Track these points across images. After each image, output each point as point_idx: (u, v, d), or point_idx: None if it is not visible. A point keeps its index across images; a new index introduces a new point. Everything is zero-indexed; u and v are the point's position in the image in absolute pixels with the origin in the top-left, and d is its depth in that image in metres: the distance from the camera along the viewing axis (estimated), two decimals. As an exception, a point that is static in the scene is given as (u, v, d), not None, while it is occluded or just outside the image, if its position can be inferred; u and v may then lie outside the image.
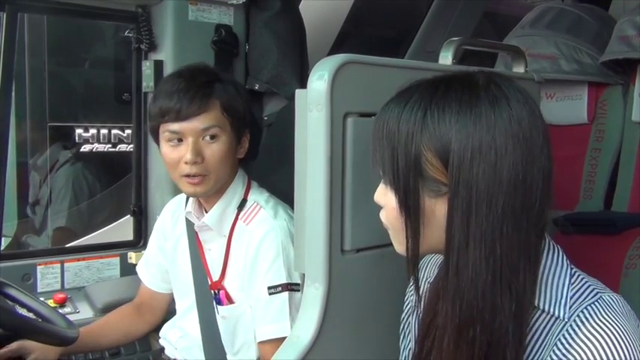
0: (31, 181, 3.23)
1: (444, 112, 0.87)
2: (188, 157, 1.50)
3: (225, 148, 1.55)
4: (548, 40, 1.77)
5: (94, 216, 3.20)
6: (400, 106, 0.91)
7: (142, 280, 1.84)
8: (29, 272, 2.00)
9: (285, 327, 1.50)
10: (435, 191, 0.89)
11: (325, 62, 1.11)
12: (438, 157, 0.87)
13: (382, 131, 0.91)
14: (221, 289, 1.62)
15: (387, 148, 0.90)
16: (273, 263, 1.52)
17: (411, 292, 1.17)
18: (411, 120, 0.89)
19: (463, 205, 0.86)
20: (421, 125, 0.88)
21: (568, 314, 0.89)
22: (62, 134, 3.25)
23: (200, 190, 1.56)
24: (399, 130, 0.89)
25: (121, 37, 2.65)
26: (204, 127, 1.52)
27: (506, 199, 0.86)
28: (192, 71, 1.58)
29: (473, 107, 0.87)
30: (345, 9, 3.03)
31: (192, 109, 1.50)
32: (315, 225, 1.12)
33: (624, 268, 1.39)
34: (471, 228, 0.86)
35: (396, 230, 0.94)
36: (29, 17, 2.97)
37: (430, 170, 0.88)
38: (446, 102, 0.88)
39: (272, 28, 2.13)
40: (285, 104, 2.07)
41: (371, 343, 1.25)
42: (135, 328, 1.84)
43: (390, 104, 0.94)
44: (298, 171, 1.16)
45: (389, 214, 0.95)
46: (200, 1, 2.04)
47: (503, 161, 0.86)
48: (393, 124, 0.90)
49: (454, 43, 1.31)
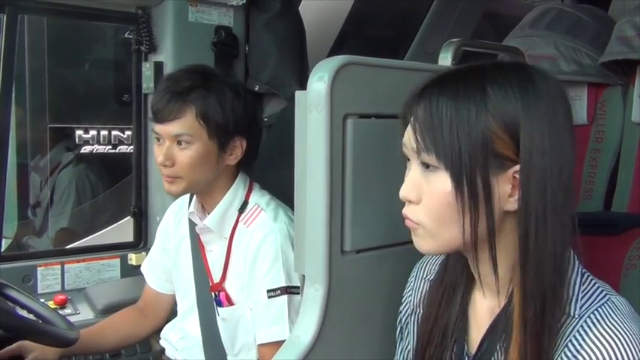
0: (31, 182, 3.23)
1: (505, 89, 0.90)
2: (159, 160, 1.54)
3: (197, 156, 1.54)
4: (548, 41, 1.77)
5: (94, 217, 3.20)
6: (450, 91, 0.91)
7: (147, 280, 1.84)
8: (29, 273, 2.00)
9: (283, 330, 1.50)
10: (498, 167, 0.89)
11: (325, 63, 1.11)
12: (507, 130, 0.89)
13: (432, 117, 0.91)
14: (221, 290, 1.62)
15: (443, 131, 0.90)
16: (272, 266, 1.52)
17: (409, 293, 1.17)
18: (470, 100, 0.89)
19: (538, 174, 0.88)
20: (484, 103, 0.89)
21: (579, 312, 0.91)
22: (62, 136, 3.26)
23: (174, 189, 1.58)
24: (458, 110, 0.89)
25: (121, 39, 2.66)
26: (175, 134, 1.53)
27: (568, 172, 0.90)
28: (181, 75, 1.59)
29: (532, 82, 0.91)
30: (344, 10, 3.03)
31: (166, 114, 1.52)
32: (315, 226, 1.12)
33: (624, 268, 1.39)
34: (547, 196, 0.88)
35: (443, 220, 0.92)
36: (29, 19, 2.97)
37: (498, 145, 0.89)
38: (505, 80, 0.91)
39: (272, 30, 2.13)
40: (285, 105, 2.07)
41: (371, 344, 1.25)
42: (138, 330, 1.83)
43: (428, 92, 0.93)
44: (298, 172, 1.16)
45: (435, 204, 0.92)
46: (200, 3, 2.04)
47: (565, 133, 0.91)
48: (448, 107, 0.90)
49: (453, 44, 1.32)
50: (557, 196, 0.89)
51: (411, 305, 1.15)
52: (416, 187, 0.94)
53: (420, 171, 0.94)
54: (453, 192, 0.90)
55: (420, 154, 0.92)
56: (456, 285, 1.04)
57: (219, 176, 1.60)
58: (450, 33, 2.79)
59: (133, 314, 1.84)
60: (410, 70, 1.26)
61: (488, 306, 1.01)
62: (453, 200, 0.90)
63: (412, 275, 1.18)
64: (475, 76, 0.92)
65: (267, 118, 2.16)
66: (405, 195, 0.95)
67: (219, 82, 1.59)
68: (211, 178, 1.60)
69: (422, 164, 0.93)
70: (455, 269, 1.05)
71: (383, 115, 1.19)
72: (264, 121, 2.16)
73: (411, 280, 1.18)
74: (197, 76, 1.58)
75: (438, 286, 1.06)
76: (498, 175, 0.90)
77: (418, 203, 0.94)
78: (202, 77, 1.58)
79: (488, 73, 0.92)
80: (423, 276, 1.15)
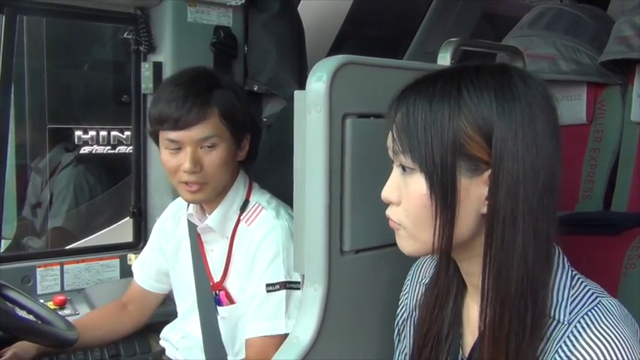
0: (30, 183, 3.23)
1: (481, 91, 0.89)
2: (186, 167, 1.50)
3: (224, 156, 1.54)
4: (547, 41, 1.77)
5: (93, 218, 3.19)
6: (427, 92, 0.91)
7: (135, 277, 1.82)
8: (29, 274, 2.00)
9: (279, 325, 1.50)
10: (472, 170, 0.89)
11: (324, 63, 1.11)
12: (480, 133, 0.88)
13: (408, 118, 0.91)
14: (222, 289, 1.62)
15: (418, 133, 0.90)
16: (273, 261, 1.52)
17: (405, 296, 1.17)
18: (445, 101, 0.89)
19: (509, 178, 0.87)
20: (458, 104, 0.88)
21: (568, 318, 0.90)
22: (62, 136, 3.25)
23: (199, 198, 1.56)
24: (432, 111, 0.89)
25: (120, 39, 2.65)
26: (202, 137, 1.50)
27: (546, 176, 0.88)
28: (191, 77, 1.56)
29: (509, 85, 0.89)
30: (344, 10, 3.03)
31: (190, 119, 1.49)
32: (314, 226, 1.12)
33: (623, 268, 1.39)
34: (519, 201, 0.87)
35: (420, 222, 0.92)
36: (28, 19, 2.97)
37: (471, 147, 0.88)
38: (481, 81, 0.90)
39: (271, 30, 2.13)
40: (284, 105, 2.07)
41: (370, 344, 1.25)
42: (119, 327, 1.80)
43: (407, 94, 0.93)
44: (297, 172, 1.16)
45: (411, 205, 0.92)
46: (199, 3, 2.04)
47: (544, 137, 0.89)
48: (423, 109, 0.90)
49: (453, 43, 1.32)
50: (532, 200, 0.87)
51: (407, 309, 1.16)
52: (397, 188, 0.94)
53: (399, 173, 0.94)
54: (427, 194, 0.89)
55: (397, 156, 0.93)
56: (449, 289, 1.04)
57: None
58: (449, 33, 2.80)
59: (116, 310, 1.81)
60: (409, 69, 1.25)
61: (478, 310, 1.00)
62: (429, 202, 0.90)
63: (408, 279, 1.18)
64: (452, 77, 0.92)
65: (266, 118, 2.16)
66: (385, 196, 0.96)
67: (226, 79, 1.61)
68: (229, 179, 1.60)
69: (400, 166, 0.93)
70: (447, 273, 1.04)
71: (382, 115, 1.18)
72: (263, 121, 2.16)
73: (407, 284, 1.18)
74: (208, 76, 1.58)
75: (432, 289, 1.06)
76: (473, 177, 0.89)
77: (399, 204, 0.94)
78: (212, 77, 1.59)
79: (466, 74, 0.91)
80: (418, 280, 1.15)
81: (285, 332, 1.48)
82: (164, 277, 1.80)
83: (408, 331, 1.14)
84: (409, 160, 0.91)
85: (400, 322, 1.18)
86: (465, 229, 0.91)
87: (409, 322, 1.15)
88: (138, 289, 1.83)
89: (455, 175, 0.88)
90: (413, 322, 1.13)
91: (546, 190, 0.89)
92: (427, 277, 1.12)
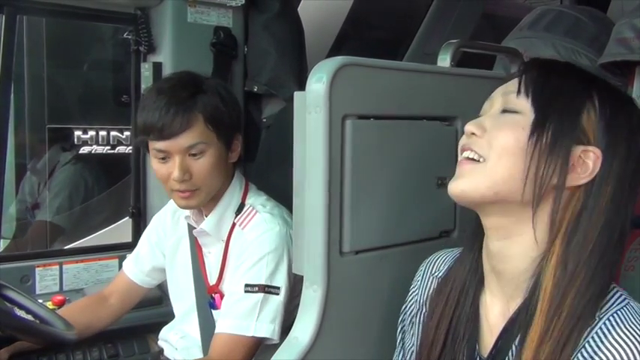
0: (29, 182, 3.22)
1: (612, 99, 0.93)
2: (175, 176, 1.50)
3: (214, 161, 1.53)
4: (547, 43, 1.77)
5: (92, 218, 3.19)
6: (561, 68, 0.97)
7: (126, 270, 1.80)
8: (28, 274, 2.00)
9: (249, 326, 1.49)
10: (581, 141, 0.91)
11: (324, 64, 1.11)
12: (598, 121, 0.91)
13: (540, 72, 0.95)
14: (217, 292, 1.62)
15: (551, 78, 0.94)
16: (257, 263, 1.52)
17: (415, 292, 1.16)
18: (579, 82, 0.94)
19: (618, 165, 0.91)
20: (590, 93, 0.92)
21: (598, 313, 0.89)
22: (61, 136, 3.25)
23: (192, 203, 1.57)
24: (567, 79, 0.94)
25: (119, 39, 2.66)
26: (189, 145, 1.49)
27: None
28: (174, 84, 1.54)
29: (627, 104, 0.96)
30: (344, 11, 3.03)
31: (174, 128, 1.47)
32: (313, 227, 1.12)
33: (622, 270, 1.38)
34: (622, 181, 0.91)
35: (509, 157, 0.91)
36: (28, 19, 2.97)
37: (585, 122, 0.91)
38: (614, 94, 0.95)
39: (271, 30, 2.13)
40: (284, 106, 2.08)
41: (369, 345, 1.25)
42: (96, 321, 1.76)
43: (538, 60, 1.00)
44: (297, 172, 1.16)
45: (507, 136, 0.92)
46: (199, 3, 2.04)
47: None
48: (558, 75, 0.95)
49: (452, 45, 1.31)
50: (625, 193, 0.91)
51: (417, 304, 1.14)
52: (482, 124, 0.95)
53: (495, 114, 0.96)
54: (530, 134, 0.90)
55: (507, 97, 0.95)
56: (467, 285, 1.03)
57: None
58: (449, 34, 2.80)
59: (95, 304, 1.78)
60: (408, 71, 1.26)
61: (499, 308, 1.00)
62: (527, 143, 0.90)
63: (419, 274, 1.17)
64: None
65: (265, 118, 2.16)
66: (470, 128, 0.96)
67: (209, 81, 1.58)
68: (222, 182, 1.59)
69: (502, 111, 0.95)
70: (466, 268, 1.03)
71: (382, 116, 1.19)
72: (263, 121, 2.16)
73: (417, 279, 1.16)
74: (190, 82, 1.55)
75: (447, 283, 1.05)
76: (578, 148, 0.91)
77: (482, 137, 0.94)
78: (195, 82, 1.56)
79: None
80: (431, 272, 1.13)
81: (252, 335, 1.48)
82: (156, 273, 1.80)
83: (417, 327, 1.13)
84: (525, 103, 0.93)
85: (407, 319, 1.16)
86: (555, 183, 0.91)
87: (418, 317, 1.13)
88: (126, 281, 1.80)
89: (576, 128, 0.91)
90: (423, 318, 1.12)
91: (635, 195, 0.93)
92: (441, 272, 1.11)
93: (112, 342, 1.90)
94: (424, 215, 1.29)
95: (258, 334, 1.49)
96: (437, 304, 1.05)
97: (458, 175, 0.96)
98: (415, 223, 1.28)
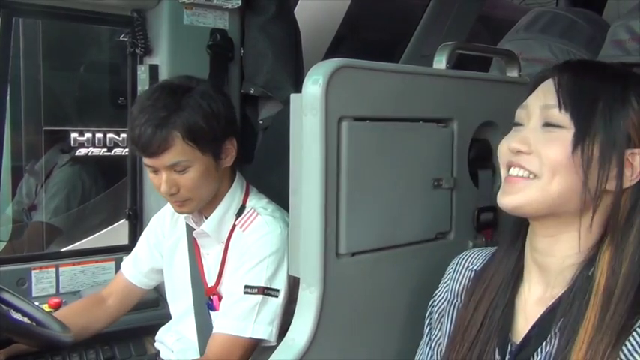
0: (26, 185, 3.22)
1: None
2: (163, 190, 1.52)
3: (199, 174, 1.52)
4: (542, 44, 1.78)
5: (89, 220, 3.18)
6: (595, 70, 0.98)
7: (124, 271, 1.80)
8: (24, 276, 2.00)
9: (247, 327, 1.49)
10: (627, 145, 0.93)
11: (320, 66, 1.11)
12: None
13: (576, 81, 0.95)
14: (215, 294, 1.62)
15: (586, 86, 0.95)
16: (257, 265, 1.52)
17: (447, 283, 1.17)
18: (616, 83, 0.95)
19: None
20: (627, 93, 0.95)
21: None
22: (57, 138, 3.24)
23: (186, 210, 1.58)
24: (603, 82, 0.95)
25: (116, 42, 2.65)
26: (170, 164, 1.49)
27: None
28: (154, 101, 1.51)
29: None
30: (340, 13, 3.03)
31: (153, 149, 1.47)
32: (310, 228, 1.12)
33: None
34: None
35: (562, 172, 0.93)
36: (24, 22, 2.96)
37: (629, 126, 0.93)
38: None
39: (267, 32, 2.13)
40: (281, 108, 2.08)
41: (366, 346, 1.25)
42: (93, 323, 1.75)
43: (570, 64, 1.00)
44: (293, 174, 1.16)
45: (558, 153, 0.93)
46: (195, 6, 2.04)
47: None
48: (592, 79, 0.96)
49: (448, 47, 1.32)
50: None
51: (449, 295, 1.16)
52: (527, 141, 0.96)
53: (537, 129, 0.97)
54: (580, 149, 0.92)
55: (548, 111, 0.96)
56: (508, 275, 1.05)
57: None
58: (446, 36, 2.81)
59: (92, 306, 1.78)
60: (405, 73, 1.26)
61: (538, 296, 1.02)
62: (578, 157, 0.92)
63: (451, 267, 1.18)
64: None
65: (262, 120, 2.16)
66: (515, 146, 0.97)
67: (191, 94, 1.52)
68: (217, 187, 1.60)
69: (544, 125, 0.96)
70: (509, 259, 1.06)
71: (378, 118, 1.19)
72: (259, 123, 2.16)
73: (449, 272, 1.18)
74: (168, 98, 1.51)
75: (487, 273, 1.07)
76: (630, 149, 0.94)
77: (530, 153, 0.96)
78: (173, 98, 1.51)
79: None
80: (467, 265, 1.15)
81: (250, 336, 1.49)
82: (155, 274, 1.80)
83: (447, 318, 1.14)
84: (563, 116, 0.94)
85: (436, 311, 1.18)
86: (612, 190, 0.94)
87: (450, 309, 1.14)
88: (125, 282, 1.80)
89: (621, 134, 0.93)
90: (455, 308, 1.13)
91: None
92: (478, 265, 1.13)
93: (109, 344, 1.89)
94: (420, 217, 1.29)
95: (256, 335, 1.49)
96: (474, 292, 1.07)
97: (510, 191, 0.98)
98: (411, 225, 1.28)
